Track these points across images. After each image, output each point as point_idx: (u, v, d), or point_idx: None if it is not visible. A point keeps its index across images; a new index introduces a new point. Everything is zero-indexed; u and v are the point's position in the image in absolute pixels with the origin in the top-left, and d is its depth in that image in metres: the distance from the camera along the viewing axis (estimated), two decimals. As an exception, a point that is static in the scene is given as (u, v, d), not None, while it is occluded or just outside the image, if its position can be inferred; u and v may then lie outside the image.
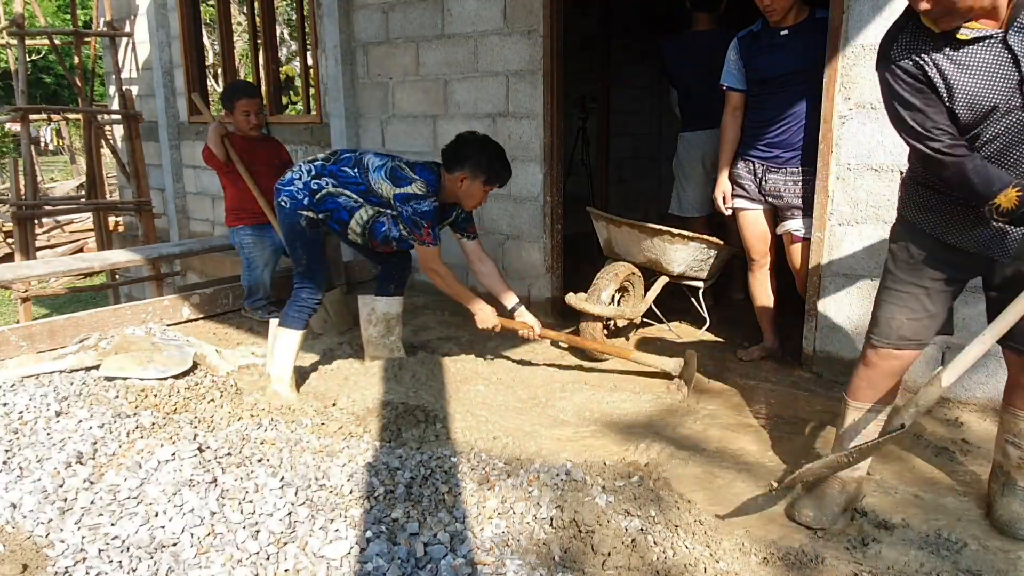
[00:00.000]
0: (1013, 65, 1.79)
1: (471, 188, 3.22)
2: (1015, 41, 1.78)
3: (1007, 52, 1.79)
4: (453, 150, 3.22)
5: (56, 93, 23.54)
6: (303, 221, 3.24)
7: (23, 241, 7.51)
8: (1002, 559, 2.07)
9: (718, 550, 2.09)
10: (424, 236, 3.19)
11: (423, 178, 3.16)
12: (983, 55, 1.81)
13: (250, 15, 7.08)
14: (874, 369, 2.20)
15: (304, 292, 3.31)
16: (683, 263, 3.63)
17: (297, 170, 3.29)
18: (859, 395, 2.24)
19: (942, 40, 1.83)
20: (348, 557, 2.02)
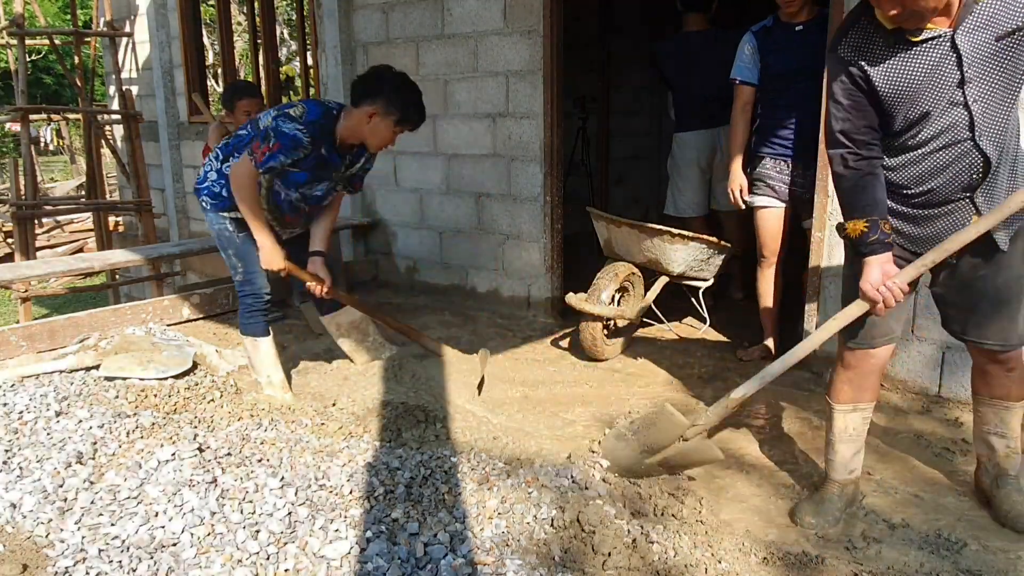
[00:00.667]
0: (956, 65, 1.83)
1: (379, 126, 2.87)
2: (962, 40, 1.81)
3: (953, 52, 1.82)
4: (365, 81, 2.88)
5: (57, 93, 23.53)
6: (229, 224, 3.04)
7: (23, 241, 7.51)
8: (1002, 559, 2.07)
9: (719, 550, 2.09)
10: (259, 151, 2.81)
11: (308, 105, 2.85)
12: (930, 54, 1.85)
13: (250, 15, 7.08)
14: (853, 370, 2.21)
15: (249, 298, 3.15)
16: (683, 263, 3.63)
17: (207, 162, 3.07)
18: (842, 397, 2.25)
19: (893, 38, 1.86)
20: (348, 557, 2.02)
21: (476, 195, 4.76)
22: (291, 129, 2.78)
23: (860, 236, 1.97)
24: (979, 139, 1.89)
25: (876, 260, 1.98)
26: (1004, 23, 1.80)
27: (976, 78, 1.84)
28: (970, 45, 1.81)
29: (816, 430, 2.90)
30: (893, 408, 3.12)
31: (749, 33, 3.51)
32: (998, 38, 1.80)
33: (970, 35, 1.81)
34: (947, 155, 1.93)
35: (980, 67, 1.83)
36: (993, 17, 1.80)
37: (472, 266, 4.89)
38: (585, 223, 4.17)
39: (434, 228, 5.01)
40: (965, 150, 1.91)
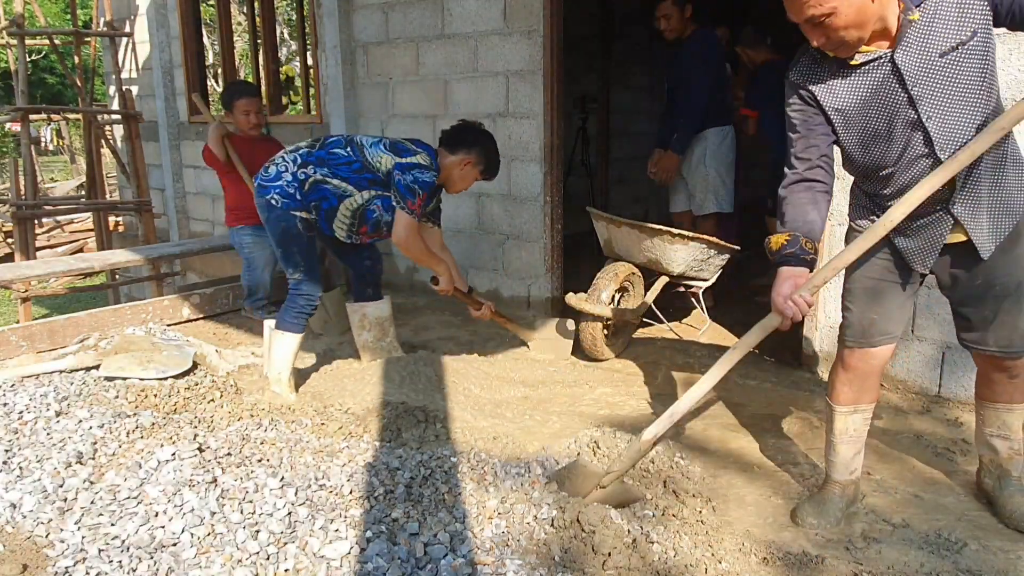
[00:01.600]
0: (899, 84, 1.85)
1: (468, 173, 3.26)
2: (901, 59, 1.84)
3: (893, 72, 1.85)
4: (461, 132, 3.24)
5: (60, 92, 23.52)
6: (299, 223, 3.13)
7: (23, 241, 7.51)
8: (1002, 559, 2.07)
9: (719, 550, 2.09)
10: (414, 205, 3.09)
11: (427, 152, 3.16)
12: (872, 76, 1.88)
13: (250, 15, 7.08)
14: (853, 371, 2.21)
15: (302, 298, 3.24)
16: (683, 263, 3.63)
17: (281, 161, 3.15)
18: (842, 398, 2.24)
19: (836, 64, 1.92)
20: (348, 557, 2.02)
21: (476, 195, 4.76)
22: (430, 178, 3.12)
23: (779, 248, 2.01)
24: (940, 154, 1.89)
25: (788, 272, 1.99)
26: (946, 39, 1.81)
27: (926, 95, 1.85)
28: (911, 63, 1.84)
29: (816, 430, 2.90)
30: (893, 408, 3.12)
31: None
32: (941, 54, 1.82)
33: (910, 54, 1.83)
34: (912, 172, 1.95)
35: (927, 84, 1.84)
36: (933, 35, 1.82)
37: (472, 266, 4.89)
38: (585, 223, 4.17)
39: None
40: (928, 166, 1.93)
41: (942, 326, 3.06)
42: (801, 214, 2.01)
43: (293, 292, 3.26)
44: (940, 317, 3.05)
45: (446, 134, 3.27)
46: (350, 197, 3.15)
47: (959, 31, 1.81)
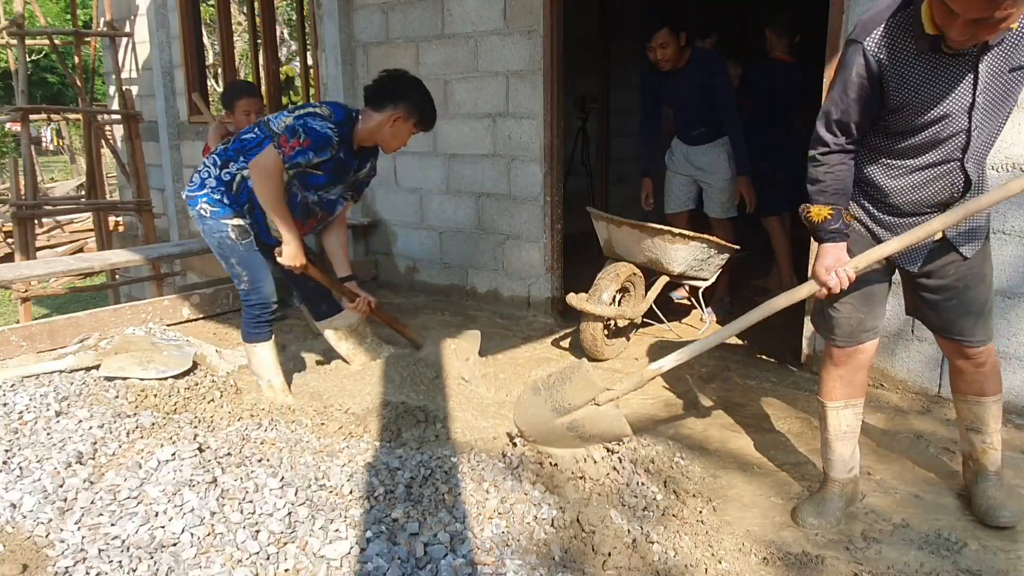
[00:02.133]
0: (972, 86, 1.86)
1: (400, 129, 2.97)
2: (983, 65, 1.85)
3: (972, 73, 1.85)
4: (385, 86, 2.95)
5: (61, 92, 23.51)
6: (231, 233, 2.99)
7: (23, 241, 7.50)
8: (1002, 559, 2.07)
9: (719, 550, 2.09)
10: (288, 144, 2.77)
11: (331, 107, 2.91)
12: (953, 71, 1.86)
13: (250, 15, 7.08)
14: (843, 367, 2.25)
15: (256, 308, 3.11)
16: (684, 263, 3.63)
17: (203, 167, 3.00)
18: (834, 395, 2.28)
19: (926, 44, 1.83)
20: (348, 557, 2.02)
21: (476, 195, 4.76)
22: (322, 127, 2.81)
23: (823, 222, 2.03)
24: (967, 162, 1.95)
25: (833, 247, 2.04)
26: (1016, 57, 1.84)
27: (983, 104, 1.89)
28: (988, 70, 1.85)
29: (816, 430, 2.90)
30: (893, 408, 3.12)
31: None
32: (1011, 69, 1.85)
33: (991, 61, 1.85)
34: (937, 172, 1.99)
35: (989, 93, 1.88)
36: (1012, 48, 1.84)
37: (472, 266, 4.89)
38: (585, 223, 4.17)
39: (434, 228, 5.01)
40: (952, 170, 1.97)
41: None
42: (841, 184, 2.03)
43: (246, 304, 3.13)
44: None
45: (367, 89, 2.98)
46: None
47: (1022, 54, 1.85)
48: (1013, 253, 2.93)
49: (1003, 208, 2.92)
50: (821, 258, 2.05)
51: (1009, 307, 2.97)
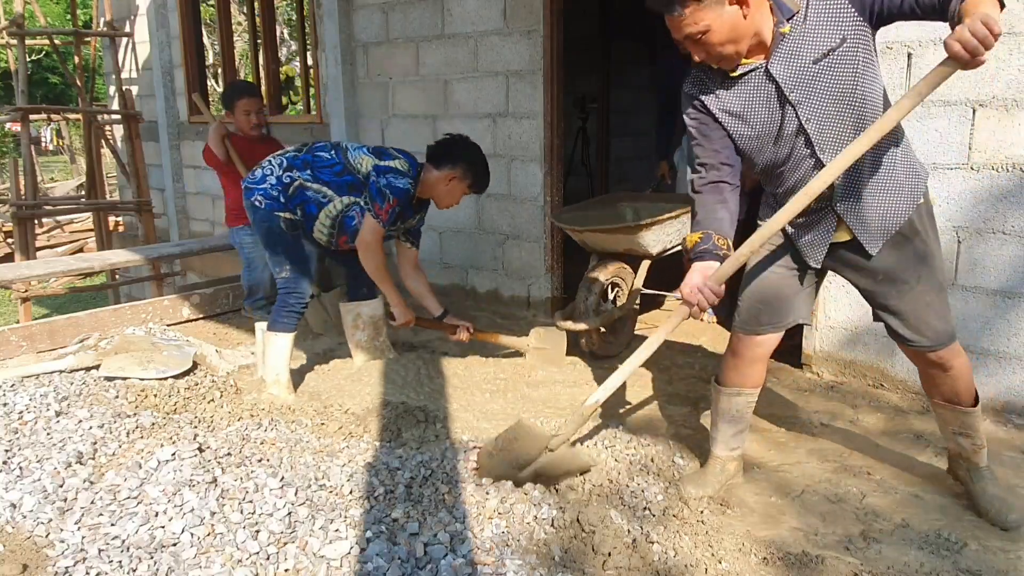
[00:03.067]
0: (775, 91, 1.98)
1: (454, 188, 3.21)
2: (776, 69, 1.95)
3: (770, 81, 1.98)
4: (448, 147, 3.19)
5: (65, 92, 23.50)
6: (281, 223, 3.15)
7: (23, 241, 7.51)
8: (1002, 559, 2.07)
9: (719, 550, 2.09)
10: (382, 211, 3.07)
11: (407, 159, 3.17)
12: (750, 86, 2.01)
13: (250, 15, 7.08)
14: (739, 357, 2.35)
15: (292, 297, 3.23)
16: (658, 243, 3.60)
17: (268, 165, 3.18)
18: (728, 380, 2.39)
19: (720, 75, 2.04)
20: (348, 557, 2.02)
21: (476, 195, 4.75)
22: (404, 184, 3.10)
23: (694, 246, 2.13)
24: (820, 155, 2.02)
25: (699, 266, 2.11)
26: (818, 47, 1.92)
27: (804, 100, 1.97)
28: (785, 72, 1.95)
29: (816, 430, 2.91)
30: (893, 408, 3.12)
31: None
32: (814, 61, 1.93)
33: (784, 63, 1.95)
34: (799, 172, 2.07)
35: (804, 90, 1.96)
36: (804, 44, 1.93)
37: (472, 266, 4.89)
38: (585, 223, 4.16)
39: (434, 228, 5.01)
40: (811, 166, 2.04)
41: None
42: (711, 213, 2.13)
43: (283, 291, 3.25)
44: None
45: (431, 149, 3.23)
46: (330, 203, 3.15)
47: (830, 38, 1.92)
48: (1013, 253, 2.93)
49: (1003, 208, 2.92)
50: (688, 278, 2.10)
51: (1009, 307, 2.97)
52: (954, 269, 3.06)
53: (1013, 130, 2.86)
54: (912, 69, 3.03)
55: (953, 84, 2.95)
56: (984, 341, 3.03)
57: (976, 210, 2.98)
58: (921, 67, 3.00)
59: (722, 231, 2.12)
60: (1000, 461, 2.64)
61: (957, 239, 3.04)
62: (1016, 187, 2.89)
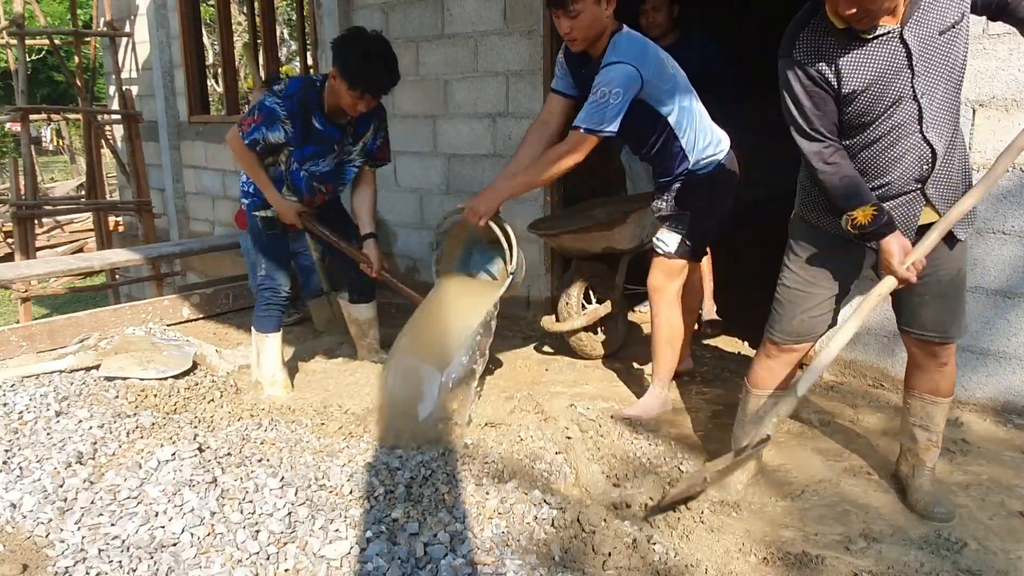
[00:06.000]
0: (906, 59, 1.91)
1: (338, 89, 2.85)
2: (910, 36, 1.89)
3: (903, 47, 1.90)
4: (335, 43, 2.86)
5: (68, 91, 23.48)
6: (259, 222, 3.22)
7: (23, 241, 7.51)
8: (1002, 559, 2.07)
9: (719, 550, 2.09)
10: (244, 122, 2.97)
11: (290, 80, 3.03)
12: (882, 51, 1.91)
13: (250, 15, 7.08)
14: (775, 360, 2.34)
15: (267, 292, 3.25)
16: (633, 238, 3.58)
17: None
18: (760, 383, 2.38)
19: (845, 37, 1.92)
20: (348, 557, 2.02)
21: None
22: (271, 103, 2.92)
23: (872, 221, 1.97)
24: (926, 131, 1.98)
25: (894, 239, 2.00)
26: (945, 18, 1.89)
27: (923, 72, 1.92)
28: (917, 40, 1.90)
29: (816, 430, 2.90)
30: (893, 408, 3.11)
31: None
32: (941, 32, 1.90)
33: (916, 31, 1.89)
34: (900, 148, 2.01)
35: (927, 61, 1.91)
36: (936, 13, 1.89)
37: (472, 266, 4.88)
38: (585, 223, 4.16)
39: (434, 228, 5.01)
40: (915, 143, 2.00)
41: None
42: (861, 183, 2.01)
43: (260, 289, 3.28)
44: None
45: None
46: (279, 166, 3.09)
47: (955, 12, 1.89)
48: (1013, 253, 2.93)
49: (1003, 208, 2.92)
50: (891, 254, 1.98)
51: (1009, 307, 2.97)
52: (954, 269, 3.06)
53: (1013, 130, 2.86)
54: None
55: (953, 84, 2.95)
56: (984, 341, 3.03)
57: (976, 210, 2.98)
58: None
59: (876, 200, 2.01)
60: (1000, 461, 2.64)
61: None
62: (1016, 187, 2.89)
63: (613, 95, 2.55)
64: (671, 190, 2.87)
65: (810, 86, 1.98)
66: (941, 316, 2.16)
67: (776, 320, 2.29)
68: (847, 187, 2.00)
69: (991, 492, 2.43)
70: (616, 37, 2.64)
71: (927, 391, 2.31)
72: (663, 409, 3.03)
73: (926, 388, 2.31)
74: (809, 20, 1.97)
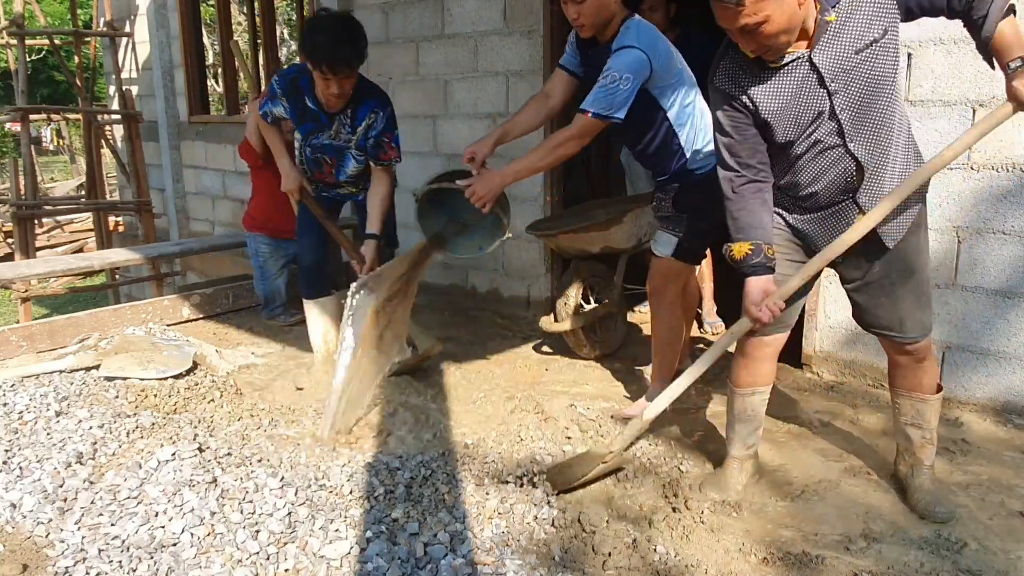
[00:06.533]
0: (818, 81, 1.95)
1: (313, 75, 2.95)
2: (819, 59, 1.93)
3: (812, 71, 1.95)
4: None
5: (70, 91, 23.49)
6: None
7: (23, 241, 7.51)
8: (1002, 559, 2.07)
9: (719, 550, 2.09)
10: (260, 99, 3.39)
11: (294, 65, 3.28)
12: (792, 76, 1.97)
13: (250, 15, 7.08)
14: (749, 357, 2.35)
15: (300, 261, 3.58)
16: (631, 237, 3.59)
17: None
18: (741, 381, 2.39)
19: (756, 66, 1.99)
20: (348, 557, 2.02)
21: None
22: (273, 81, 3.19)
23: (744, 258, 2.10)
24: (850, 144, 2.01)
25: (757, 281, 2.11)
26: (862, 37, 1.92)
27: (841, 90, 1.95)
28: (828, 61, 1.93)
29: (816, 430, 2.91)
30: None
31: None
32: (856, 51, 1.93)
33: (826, 52, 1.93)
34: (823, 162, 2.06)
35: (843, 79, 1.95)
36: (849, 34, 1.92)
37: (472, 266, 4.88)
38: (585, 223, 4.16)
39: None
40: (838, 156, 2.04)
41: (942, 327, 3.06)
42: (757, 220, 2.10)
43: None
44: (940, 318, 3.05)
45: None
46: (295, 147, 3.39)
47: (873, 29, 1.91)
48: (1013, 253, 2.93)
49: (1003, 208, 2.92)
50: (750, 295, 2.11)
51: (1009, 307, 2.97)
52: (954, 269, 3.06)
53: (1013, 130, 2.86)
54: (912, 70, 3.03)
55: (953, 84, 2.95)
56: (984, 341, 3.03)
57: (976, 210, 2.98)
58: (921, 67, 3.00)
59: (769, 239, 2.10)
60: (1000, 461, 2.64)
61: (957, 239, 3.04)
62: (1016, 187, 2.89)
63: (623, 80, 2.57)
64: (669, 190, 2.87)
65: (731, 111, 2.06)
66: (897, 315, 2.19)
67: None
68: (739, 220, 2.10)
69: (991, 492, 2.43)
70: (628, 23, 2.65)
71: (911, 388, 2.32)
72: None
73: (909, 385, 2.32)
74: (727, 51, 2.05)
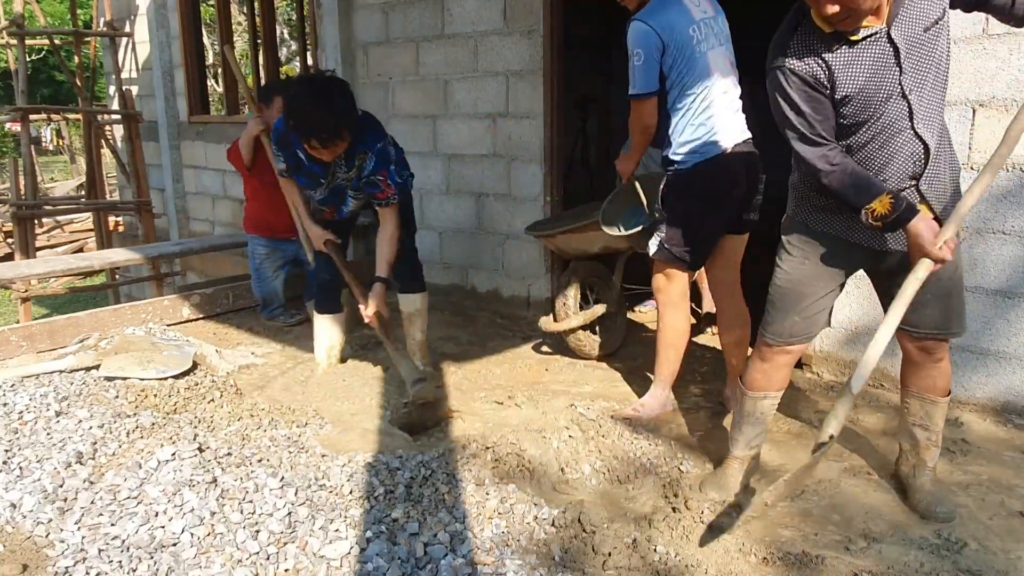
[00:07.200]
0: (894, 57, 1.92)
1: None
2: (897, 35, 1.91)
3: (890, 46, 1.92)
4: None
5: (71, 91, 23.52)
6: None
7: (23, 241, 7.51)
8: (1002, 559, 2.07)
9: (719, 550, 2.09)
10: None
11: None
12: (871, 51, 1.93)
13: (250, 15, 7.08)
14: (769, 363, 2.34)
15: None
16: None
17: None
18: (755, 385, 2.37)
19: (833, 40, 1.93)
20: (348, 557, 2.02)
21: (476, 195, 4.76)
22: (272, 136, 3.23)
23: (892, 209, 1.94)
24: (918, 127, 1.98)
25: (920, 221, 1.96)
26: (928, 15, 1.92)
27: (911, 69, 1.94)
28: (904, 38, 1.91)
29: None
30: (893, 408, 3.11)
31: None
32: (925, 29, 1.92)
33: (903, 29, 1.91)
34: (893, 146, 2.02)
35: (913, 59, 1.93)
36: (918, 10, 1.91)
37: (472, 266, 4.89)
38: (585, 223, 4.16)
39: (434, 228, 5.01)
40: (907, 139, 2.00)
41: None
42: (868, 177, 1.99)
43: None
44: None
45: None
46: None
47: (936, 8, 1.92)
48: (1013, 253, 2.93)
49: (1003, 208, 2.92)
50: (920, 236, 1.94)
51: (1009, 307, 2.97)
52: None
53: (1013, 130, 2.86)
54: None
55: (953, 84, 2.95)
56: (984, 341, 3.03)
57: (976, 210, 2.98)
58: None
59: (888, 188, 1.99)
60: (1000, 461, 2.64)
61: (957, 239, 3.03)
62: (1016, 187, 2.89)
63: (635, 56, 2.64)
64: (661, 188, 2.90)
65: (807, 91, 1.97)
66: (945, 314, 2.17)
67: (769, 322, 2.28)
68: (857, 183, 1.98)
69: (991, 492, 2.43)
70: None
71: (925, 389, 2.31)
72: (663, 409, 3.03)
73: (923, 386, 2.31)
74: (796, 27, 1.98)
